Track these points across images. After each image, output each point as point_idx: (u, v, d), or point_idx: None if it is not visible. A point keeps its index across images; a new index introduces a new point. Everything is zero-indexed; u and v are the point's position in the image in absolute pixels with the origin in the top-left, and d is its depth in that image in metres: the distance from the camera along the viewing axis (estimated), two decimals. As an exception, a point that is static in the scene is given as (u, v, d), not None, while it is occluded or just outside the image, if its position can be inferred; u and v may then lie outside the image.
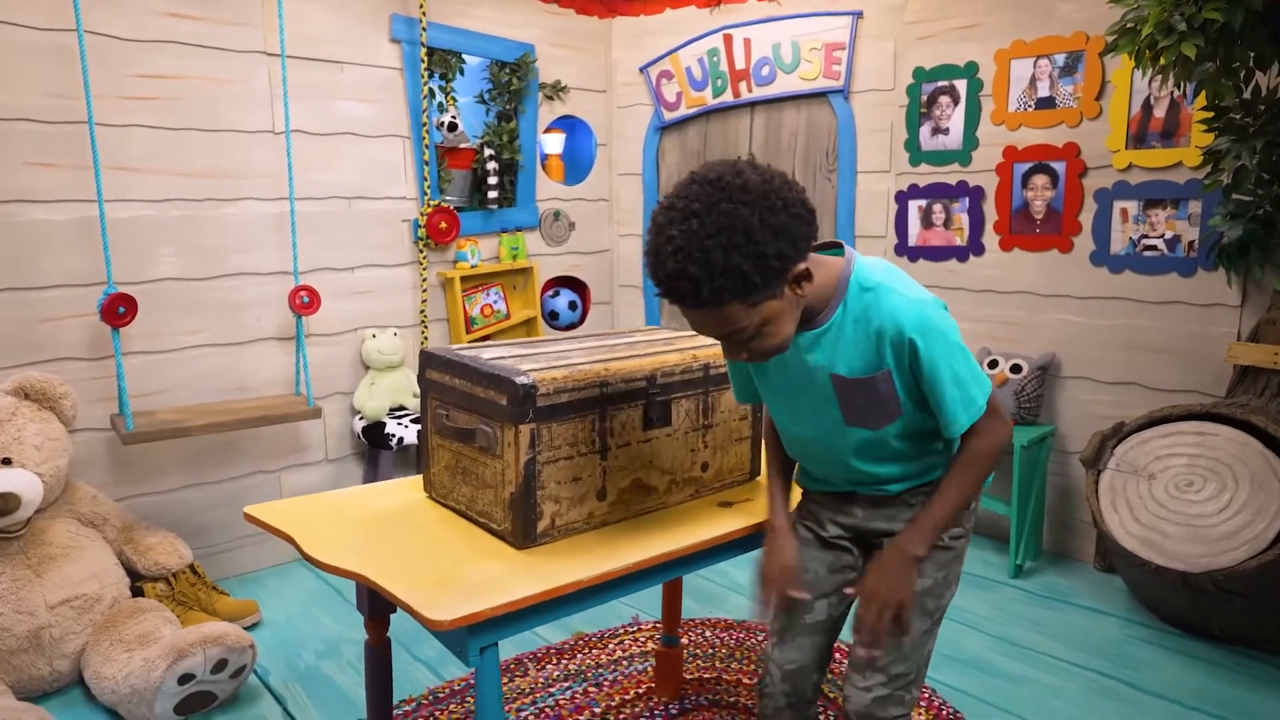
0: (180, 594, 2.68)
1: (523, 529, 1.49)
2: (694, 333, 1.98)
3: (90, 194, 2.63)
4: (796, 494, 1.65)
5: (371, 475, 3.35)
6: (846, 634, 1.56)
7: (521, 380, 1.45)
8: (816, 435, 1.45)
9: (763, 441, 1.63)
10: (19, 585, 2.31)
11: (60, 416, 2.51)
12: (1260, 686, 2.38)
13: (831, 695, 2.31)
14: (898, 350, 1.29)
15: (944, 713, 2.26)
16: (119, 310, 2.56)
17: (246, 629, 2.71)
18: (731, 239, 1.12)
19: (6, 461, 2.34)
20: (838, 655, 2.46)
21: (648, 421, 1.65)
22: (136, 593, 2.63)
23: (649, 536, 1.56)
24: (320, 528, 1.58)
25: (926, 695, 2.33)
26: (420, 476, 1.84)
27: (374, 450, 3.28)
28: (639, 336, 1.92)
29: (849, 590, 1.45)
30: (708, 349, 1.77)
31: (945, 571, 1.45)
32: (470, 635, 1.31)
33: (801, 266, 1.20)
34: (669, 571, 1.57)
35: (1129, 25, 2.18)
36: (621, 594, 1.51)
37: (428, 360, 1.69)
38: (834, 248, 1.37)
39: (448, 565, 1.43)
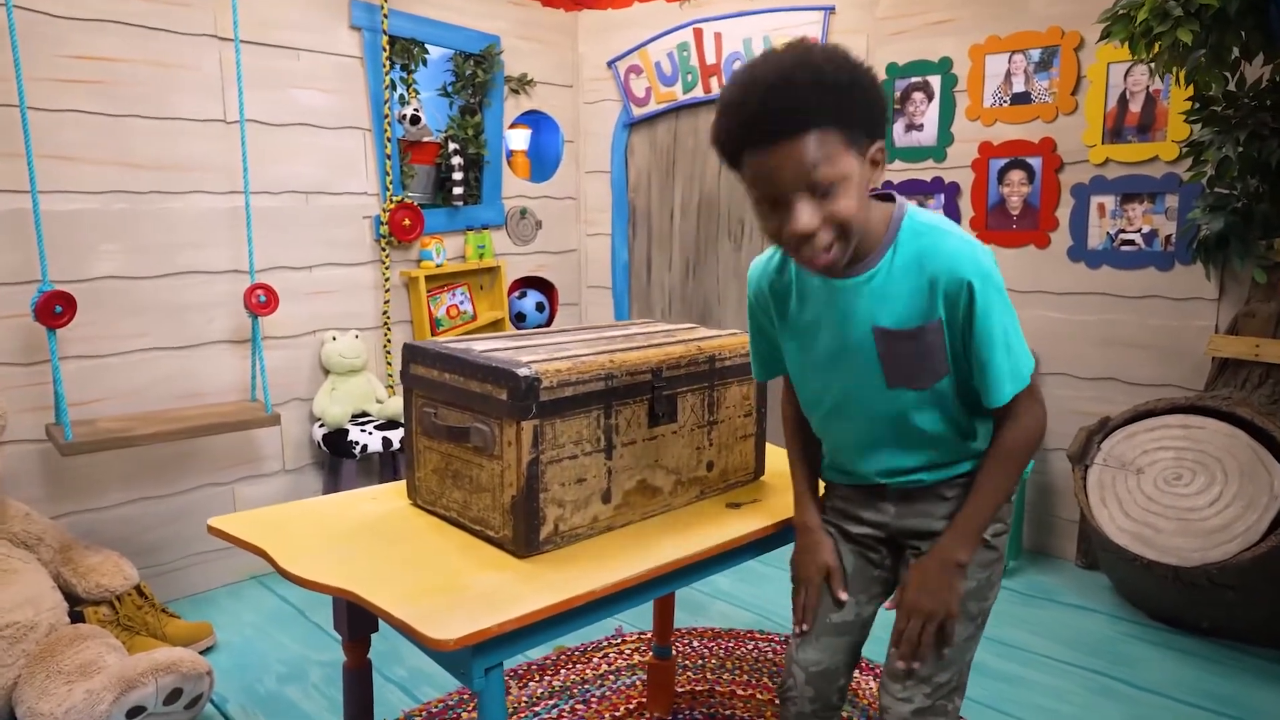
0: (126, 618, 2.47)
1: (524, 536, 1.36)
2: (692, 325, 1.87)
3: (22, 184, 2.41)
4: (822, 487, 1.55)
5: (333, 486, 3.16)
6: (873, 641, 1.46)
7: (524, 372, 1.33)
8: (851, 406, 1.32)
9: (784, 432, 1.51)
10: (-57, 614, 2.09)
11: (-11, 427, 2.29)
12: (1254, 680, 2.36)
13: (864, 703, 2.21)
14: (952, 298, 1.18)
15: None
16: (55, 310, 2.35)
17: (200, 654, 2.51)
18: (842, 65, 1.08)
19: (-72, 477, 2.12)
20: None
21: (654, 417, 1.53)
22: (77, 618, 2.41)
23: (658, 541, 1.45)
24: (296, 540, 1.43)
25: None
26: (402, 483, 1.70)
27: (335, 459, 3.09)
28: (635, 329, 1.81)
29: (887, 605, 1.34)
30: (712, 340, 1.67)
31: (989, 572, 1.34)
32: (474, 655, 1.18)
33: (881, 145, 1.15)
34: (682, 579, 1.45)
35: (1121, 11, 2.15)
36: (635, 603, 1.39)
37: (412, 354, 1.55)
38: (884, 198, 1.27)
39: (443, 578, 1.30)
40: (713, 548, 1.44)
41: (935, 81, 3.34)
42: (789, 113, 1.06)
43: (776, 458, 1.88)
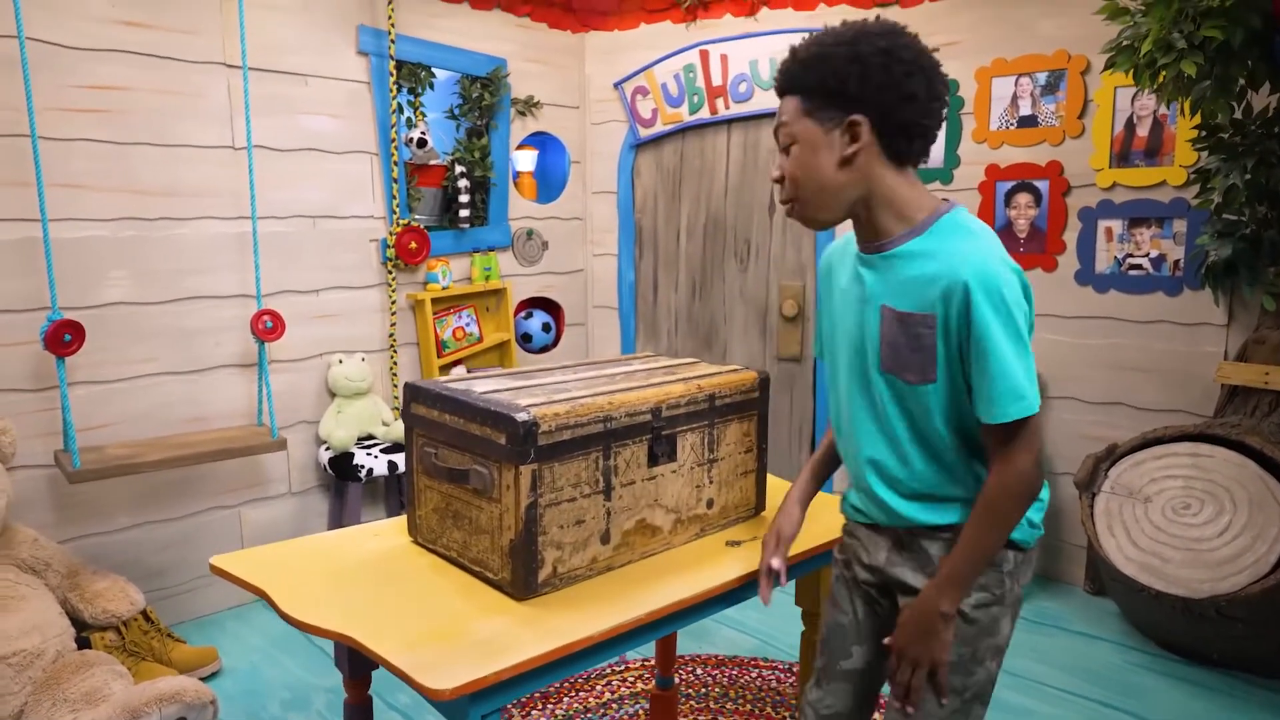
0: (132, 644, 2.48)
1: (523, 579, 1.36)
2: (694, 360, 1.87)
3: (33, 213, 2.44)
4: (833, 485, 1.55)
5: (339, 509, 3.17)
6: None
7: (522, 416, 1.33)
8: (851, 382, 1.34)
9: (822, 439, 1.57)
10: (-50, 642, 2.11)
11: (-3, 454, 2.31)
12: (1264, 714, 2.34)
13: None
14: (948, 296, 1.18)
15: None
16: (64, 338, 2.37)
17: (206, 679, 2.52)
18: (836, 48, 1.21)
19: (-63, 505, 2.14)
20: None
21: (653, 457, 1.53)
22: (83, 644, 2.42)
23: (657, 582, 1.44)
24: (297, 580, 1.43)
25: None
26: (403, 518, 1.70)
27: (341, 483, 3.10)
28: (636, 364, 1.81)
29: (886, 641, 1.33)
30: (711, 378, 1.66)
31: (970, 648, 1.27)
32: (472, 703, 1.18)
33: (860, 121, 1.21)
34: (681, 620, 1.45)
35: (1126, 43, 2.14)
36: (633, 645, 1.38)
37: (413, 394, 1.55)
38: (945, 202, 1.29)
39: (443, 622, 1.30)
40: (712, 589, 1.44)
41: (941, 104, 3.33)
42: (782, 73, 1.28)
43: (777, 493, 1.88)
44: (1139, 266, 2.97)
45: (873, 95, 1.19)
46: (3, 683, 2.14)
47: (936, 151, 3.36)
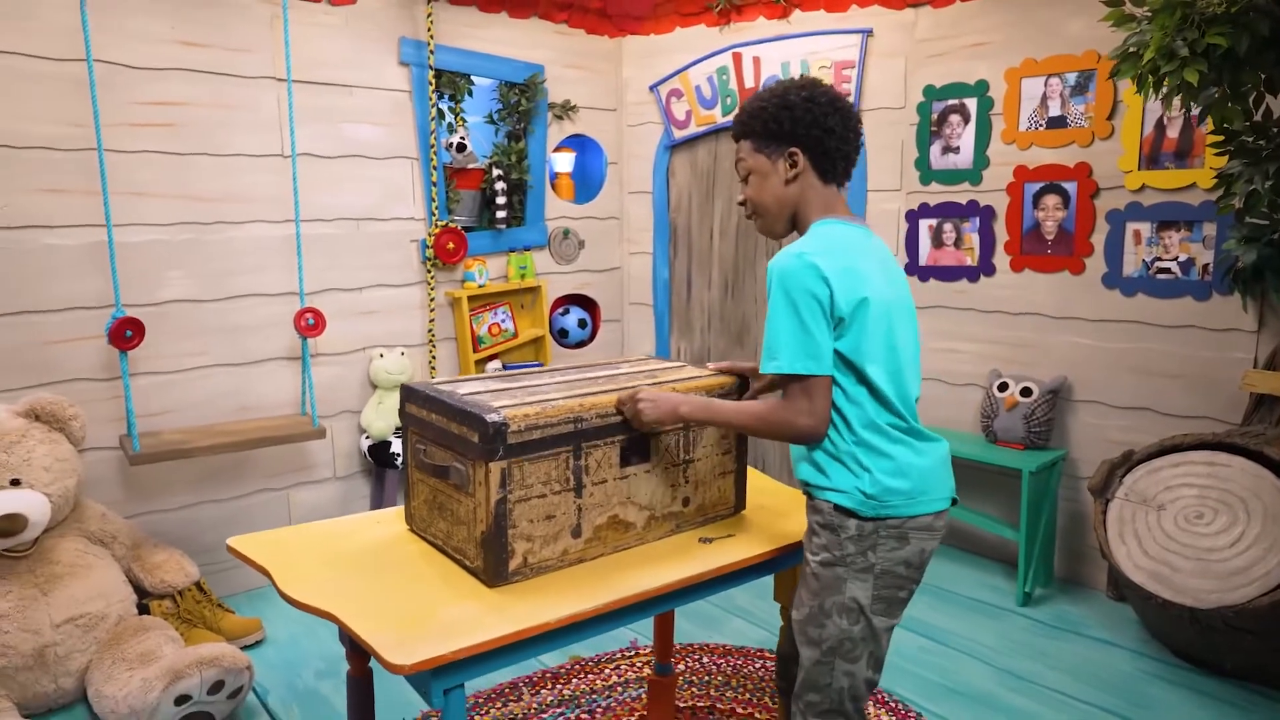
0: (185, 611, 2.72)
1: (494, 567, 1.49)
2: (681, 363, 1.97)
3: (100, 219, 2.69)
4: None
5: (379, 493, 3.37)
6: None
7: (492, 417, 1.45)
8: None
9: None
10: (25, 604, 2.36)
11: (70, 437, 2.56)
12: (1272, 727, 2.31)
13: None
14: (768, 283, 1.49)
15: (939, 749, 2.22)
16: (126, 334, 2.61)
17: (249, 647, 2.75)
18: (770, 101, 1.55)
19: (15, 482, 2.39)
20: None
21: (625, 458, 1.64)
22: (143, 610, 2.67)
23: (623, 575, 1.55)
24: (298, 562, 1.59)
25: (923, 730, 2.29)
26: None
27: (380, 469, 3.31)
28: (625, 368, 1.91)
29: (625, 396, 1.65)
30: (689, 382, 1.76)
31: (818, 600, 1.51)
32: (434, 677, 1.31)
33: (795, 151, 1.54)
34: (641, 611, 1.55)
35: (1131, 50, 2.13)
36: (592, 634, 1.50)
37: (408, 395, 1.69)
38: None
39: (419, 604, 1.44)
40: (672, 583, 1.54)
41: (971, 104, 3.32)
42: (735, 124, 1.63)
43: (757, 492, 1.96)
44: (1167, 270, 2.91)
45: (802, 131, 1.53)
46: (72, 641, 2.40)
47: (966, 153, 3.35)
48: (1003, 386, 3.24)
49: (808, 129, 1.52)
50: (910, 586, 1.53)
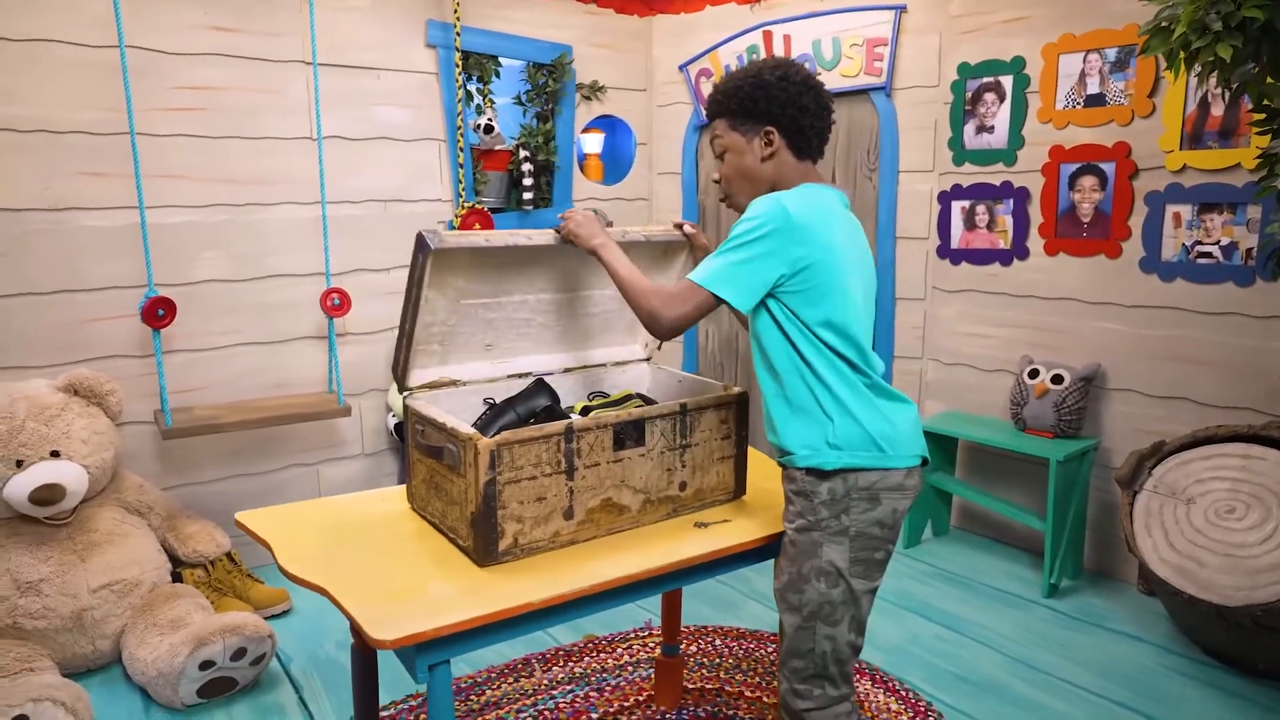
0: (216, 580, 2.83)
1: (484, 547, 1.52)
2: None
3: (134, 201, 2.77)
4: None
5: (405, 469, 3.44)
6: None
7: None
8: None
9: None
10: (65, 569, 2.48)
11: (107, 412, 2.67)
12: (1299, 730, 2.23)
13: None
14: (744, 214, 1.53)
15: (946, 739, 2.20)
16: (158, 313, 2.70)
17: (276, 616, 2.85)
18: (746, 80, 1.58)
19: (55, 454, 2.51)
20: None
21: (619, 442, 1.65)
22: (176, 578, 2.79)
23: (612, 557, 1.57)
24: (300, 538, 1.64)
25: (935, 717, 2.27)
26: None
27: (405, 446, 3.37)
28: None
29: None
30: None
31: (796, 566, 1.54)
32: (419, 653, 1.35)
33: (771, 129, 1.57)
34: (629, 595, 1.57)
35: (1163, 24, 2.03)
36: (579, 615, 1.52)
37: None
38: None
39: (410, 581, 1.47)
40: (660, 567, 1.55)
41: (1007, 82, 3.22)
42: (709, 105, 1.66)
43: (764, 477, 1.95)
44: (1208, 254, 2.80)
45: (777, 110, 1.57)
46: (108, 605, 2.52)
47: (1000, 132, 3.25)
48: (1033, 373, 3.16)
49: (782, 107, 1.56)
50: (886, 547, 1.55)
